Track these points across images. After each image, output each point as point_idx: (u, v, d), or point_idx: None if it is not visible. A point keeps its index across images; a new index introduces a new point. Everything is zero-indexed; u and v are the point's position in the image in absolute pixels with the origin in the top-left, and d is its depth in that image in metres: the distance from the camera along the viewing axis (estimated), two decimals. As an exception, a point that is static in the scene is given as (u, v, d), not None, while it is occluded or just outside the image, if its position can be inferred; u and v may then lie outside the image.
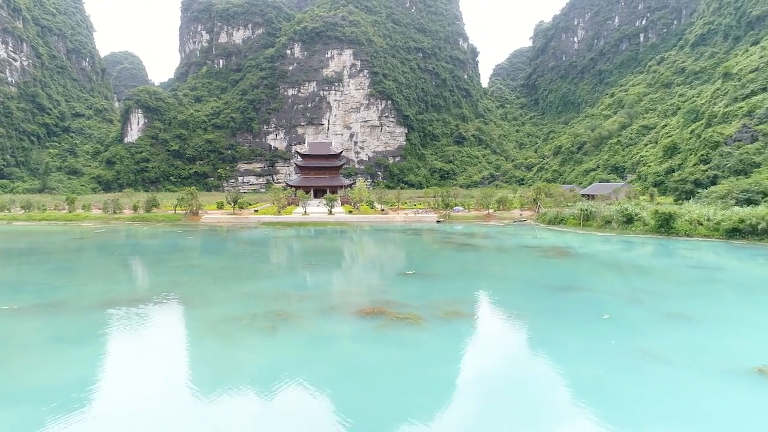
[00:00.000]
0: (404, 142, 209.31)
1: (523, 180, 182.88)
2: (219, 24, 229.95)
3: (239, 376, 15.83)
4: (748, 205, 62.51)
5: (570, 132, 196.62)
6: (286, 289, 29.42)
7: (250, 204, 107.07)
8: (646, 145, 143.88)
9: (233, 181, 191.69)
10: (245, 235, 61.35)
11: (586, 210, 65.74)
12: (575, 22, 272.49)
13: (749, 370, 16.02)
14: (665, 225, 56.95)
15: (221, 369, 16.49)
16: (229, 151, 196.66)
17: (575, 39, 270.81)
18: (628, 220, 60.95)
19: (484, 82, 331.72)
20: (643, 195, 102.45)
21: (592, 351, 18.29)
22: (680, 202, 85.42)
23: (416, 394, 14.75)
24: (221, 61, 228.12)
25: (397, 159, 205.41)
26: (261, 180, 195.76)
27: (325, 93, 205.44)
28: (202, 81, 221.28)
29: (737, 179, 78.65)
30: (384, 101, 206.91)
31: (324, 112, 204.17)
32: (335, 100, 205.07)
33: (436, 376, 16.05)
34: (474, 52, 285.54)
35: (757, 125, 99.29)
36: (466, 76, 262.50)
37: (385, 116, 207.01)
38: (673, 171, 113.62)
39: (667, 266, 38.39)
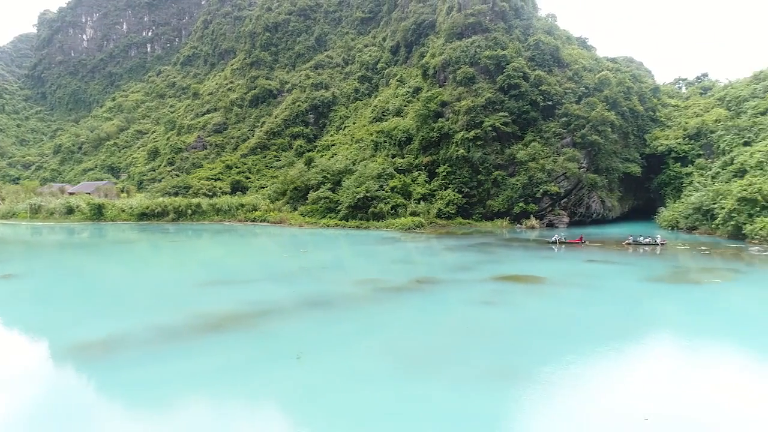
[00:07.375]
0: None
1: (18, 179, 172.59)
2: None
3: None
4: (171, 197, 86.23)
5: (72, 131, 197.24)
6: None
7: None
8: (138, 148, 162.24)
9: None
10: None
11: (34, 204, 75.69)
12: (83, 20, 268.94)
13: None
14: (98, 213, 73.44)
15: None
16: None
17: (84, 37, 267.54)
18: (70, 211, 74.58)
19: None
20: (123, 192, 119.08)
21: None
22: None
23: None
24: None
25: None
26: None
27: None
28: None
29: (174, 178, 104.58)
30: None
31: None
32: None
33: None
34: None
35: (207, 137, 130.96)
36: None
37: None
38: (154, 171, 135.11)
39: (38, 240, 53.69)
